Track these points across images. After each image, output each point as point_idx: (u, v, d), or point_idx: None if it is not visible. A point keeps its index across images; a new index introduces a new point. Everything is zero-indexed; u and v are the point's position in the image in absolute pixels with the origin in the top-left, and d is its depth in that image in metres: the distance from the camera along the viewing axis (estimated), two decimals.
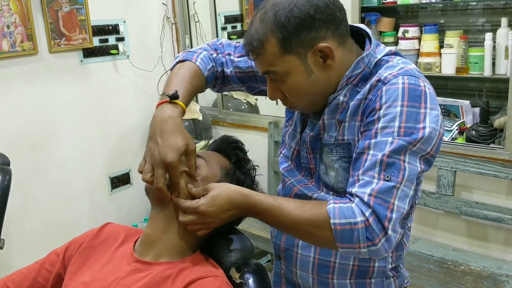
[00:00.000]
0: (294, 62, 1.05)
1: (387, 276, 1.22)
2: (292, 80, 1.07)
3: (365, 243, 0.96)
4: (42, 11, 2.71)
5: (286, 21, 1.02)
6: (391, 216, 0.96)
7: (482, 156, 2.36)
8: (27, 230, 2.81)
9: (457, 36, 2.51)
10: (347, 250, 0.99)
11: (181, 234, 1.14)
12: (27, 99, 2.74)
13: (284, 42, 1.03)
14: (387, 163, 0.98)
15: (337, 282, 1.21)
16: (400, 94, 1.01)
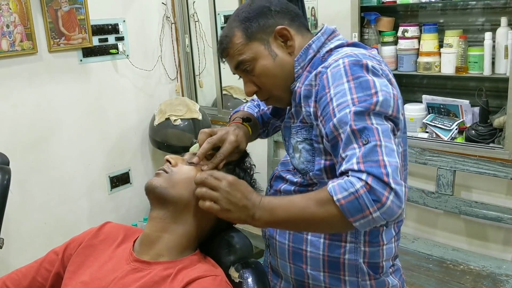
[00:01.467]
0: (259, 48, 1.17)
1: (362, 273, 1.19)
2: (259, 64, 1.17)
3: (373, 206, 0.93)
4: (41, 10, 2.71)
5: (246, 14, 1.18)
6: (387, 171, 0.95)
7: (482, 156, 2.36)
8: (26, 229, 2.81)
9: (456, 36, 2.50)
10: (362, 221, 0.95)
11: (180, 234, 1.14)
12: (27, 98, 2.74)
13: (247, 31, 1.17)
14: (358, 130, 0.99)
15: (311, 273, 1.22)
16: (343, 73, 1.06)
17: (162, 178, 1.16)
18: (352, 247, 1.18)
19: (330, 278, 1.20)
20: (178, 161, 1.20)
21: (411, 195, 2.60)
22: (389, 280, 1.24)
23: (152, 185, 1.15)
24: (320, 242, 1.19)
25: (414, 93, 2.84)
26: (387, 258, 1.22)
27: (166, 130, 3.19)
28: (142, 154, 3.42)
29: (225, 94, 3.48)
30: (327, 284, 1.21)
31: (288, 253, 1.24)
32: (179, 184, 1.15)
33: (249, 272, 1.12)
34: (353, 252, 1.18)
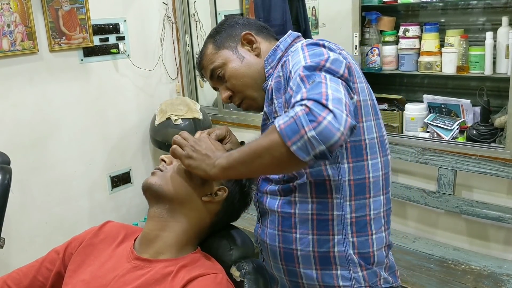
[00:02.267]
0: (227, 54, 1.29)
1: (353, 265, 1.19)
2: (229, 67, 1.28)
3: (309, 125, 0.91)
4: (42, 10, 2.71)
5: (216, 29, 1.35)
6: (327, 98, 0.94)
7: (483, 155, 2.36)
8: (27, 229, 2.81)
9: (457, 35, 2.51)
10: (298, 144, 0.92)
11: (179, 231, 1.15)
12: (27, 98, 2.74)
13: (216, 42, 1.31)
14: (306, 76, 1.03)
15: (304, 272, 1.22)
16: (300, 50, 1.14)
17: (157, 176, 1.18)
18: (340, 239, 1.18)
19: (322, 275, 1.20)
20: (173, 159, 1.21)
21: (412, 194, 2.60)
22: (381, 273, 1.23)
23: (148, 183, 1.17)
24: (308, 239, 1.19)
25: (415, 92, 2.85)
26: (379, 248, 1.22)
27: (167, 130, 3.19)
28: (143, 154, 3.42)
29: None
30: (320, 282, 1.21)
31: (280, 255, 1.24)
32: (174, 181, 1.16)
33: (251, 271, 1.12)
34: (342, 244, 1.18)
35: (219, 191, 1.19)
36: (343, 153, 1.15)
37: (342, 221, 1.17)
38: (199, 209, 1.17)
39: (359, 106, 1.16)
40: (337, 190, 1.16)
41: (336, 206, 1.17)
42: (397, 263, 2.38)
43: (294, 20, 2.82)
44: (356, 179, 1.17)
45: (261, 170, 1.08)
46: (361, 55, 2.71)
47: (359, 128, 1.16)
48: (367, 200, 1.19)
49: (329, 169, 1.15)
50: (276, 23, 2.70)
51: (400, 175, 2.74)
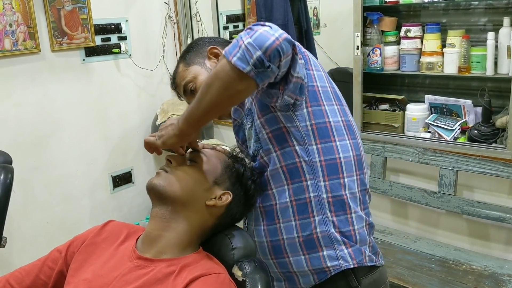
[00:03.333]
0: (197, 69, 1.38)
1: (338, 243, 1.23)
2: (199, 80, 1.35)
3: (246, 36, 1.01)
4: (44, 9, 2.72)
5: (186, 49, 1.45)
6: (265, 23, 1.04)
7: (484, 156, 2.36)
8: (29, 228, 2.81)
9: (459, 36, 2.50)
10: (237, 55, 1.00)
11: (181, 232, 1.15)
12: (29, 97, 2.75)
13: (185, 60, 1.41)
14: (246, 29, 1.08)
15: (293, 260, 1.26)
16: None
17: (161, 177, 1.18)
18: (320, 219, 1.23)
19: (311, 259, 1.24)
20: (178, 160, 1.22)
21: (413, 194, 2.60)
22: (365, 251, 1.27)
23: (152, 184, 1.17)
24: (292, 225, 1.24)
25: (417, 93, 2.84)
26: (360, 226, 1.26)
27: None
28: (144, 154, 3.42)
29: None
30: (309, 267, 1.25)
31: (268, 250, 1.29)
32: (178, 182, 1.17)
33: (253, 270, 1.12)
34: (323, 224, 1.23)
35: (223, 195, 1.20)
36: (309, 134, 1.21)
37: (320, 202, 1.22)
38: (202, 212, 1.17)
39: (317, 91, 1.23)
40: (310, 171, 1.22)
41: (311, 187, 1.22)
42: (398, 263, 2.40)
43: (296, 20, 2.82)
44: (327, 159, 1.23)
45: (215, 100, 1.07)
46: (363, 55, 2.71)
47: (322, 111, 1.23)
48: (341, 180, 1.24)
49: (298, 150, 1.21)
50: (278, 23, 2.70)
51: (401, 175, 2.74)
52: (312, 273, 1.26)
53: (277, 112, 1.21)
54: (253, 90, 1.07)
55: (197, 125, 1.15)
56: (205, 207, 1.18)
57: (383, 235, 2.66)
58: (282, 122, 1.21)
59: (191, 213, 1.17)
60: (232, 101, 1.14)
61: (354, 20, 2.65)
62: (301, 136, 1.21)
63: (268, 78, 1.05)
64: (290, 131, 1.21)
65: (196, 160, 1.22)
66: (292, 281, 1.30)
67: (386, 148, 2.69)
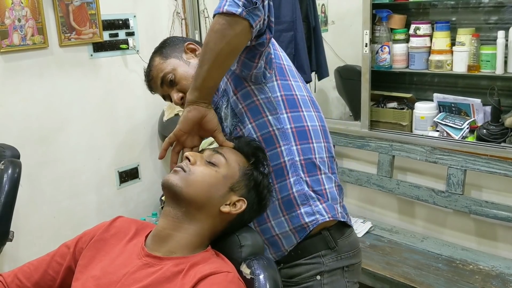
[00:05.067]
0: (175, 61, 1.43)
1: (312, 199, 1.34)
2: (179, 71, 1.42)
3: None
4: (53, 5, 2.72)
5: (160, 45, 1.50)
6: None
7: (493, 155, 2.34)
8: (35, 222, 2.82)
9: (469, 34, 2.49)
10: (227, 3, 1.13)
11: (192, 234, 1.14)
12: (37, 92, 2.75)
13: (162, 54, 1.46)
14: None
15: (275, 223, 1.35)
16: None
17: (179, 176, 1.15)
18: (295, 179, 1.33)
19: (290, 219, 1.34)
20: (197, 158, 1.19)
21: (420, 193, 2.59)
22: (337, 207, 1.38)
23: (169, 182, 1.14)
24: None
25: (425, 91, 2.83)
26: (330, 186, 1.37)
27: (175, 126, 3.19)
28: (151, 150, 3.42)
29: None
30: (290, 226, 1.34)
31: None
32: (195, 185, 1.14)
33: (261, 268, 1.12)
34: (298, 183, 1.33)
35: (238, 202, 1.18)
36: (280, 105, 1.34)
37: (294, 164, 1.33)
38: (215, 216, 1.16)
39: (284, 68, 1.38)
40: (283, 137, 1.33)
41: (285, 151, 1.33)
42: (405, 262, 2.40)
43: (304, 17, 2.81)
44: (297, 126, 1.35)
45: (216, 54, 1.17)
46: (371, 53, 2.69)
47: (289, 85, 1.37)
48: (310, 145, 1.36)
49: (271, 120, 1.32)
50: (286, 20, 2.69)
51: (409, 174, 2.73)
52: (293, 232, 1.34)
53: (251, 86, 1.33)
54: (249, 34, 1.16)
55: (206, 88, 1.21)
56: (218, 212, 1.16)
57: (389, 234, 2.65)
58: (256, 96, 1.33)
59: (204, 217, 1.15)
60: (232, 49, 1.19)
61: (363, 17, 2.64)
62: (273, 106, 1.33)
63: (258, 18, 1.15)
64: (263, 102, 1.33)
65: (216, 163, 1.19)
66: (276, 246, 1.37)
67: (393, 147, 2.67)
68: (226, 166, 1.19)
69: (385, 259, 2.39)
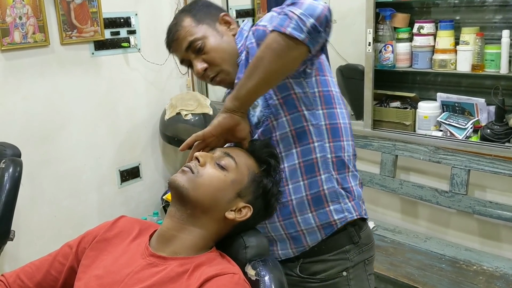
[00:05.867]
0: (207, 30, 1.35)
1: (342, 197, 1.34)
2: (210, 40, 1.34)
3: (294, 7, 1.10)
4: (54, 2, 2.70)
5: (192, 6, 1.40)
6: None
7: (497, 155, 2.33)
8: (36, 222, 2.81)
9: (473, 33, 2.47)
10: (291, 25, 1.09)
11: (197, 236, 1.12)
12: (38, 90, 2.74)
13: (195, 16, 1.36)
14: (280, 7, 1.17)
15: (301, 218, 1.33)
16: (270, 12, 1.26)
17: (186, 177, 1.12)
18: (326, 177, 1.32)
19: (318, 215, 1.33)
20: (207, 160, 1.16)
21: (424, 193, 2.57)
22: (362, 205, 1.41)
23: (176, 182, 1.12)
24: (300, 185, 1.32)
25: (429, 90, 2.81)
26: (355, 184, 1.39)
27: (177, 125, 3.18)
28: (153, 149, 3.41)
29: None
30: (317, 222, 1.33)
31: (276, 212, 1.31)
32: (201, 188, 1.11)
33: (266, 270, 1.10)
34: (329, 181, 1.32)
35: (244, 208, 1.15)
36: (316, 100, 1.32)
37: (325, 161, 1.32)
38: (220, 221, 1.14)
39: (322, 63, 1.35)
40: (317, 133, 1.32)
41: (318, 148, 1.32)
42: (408, 262, 2.39)
43: None
44: (331, 123, 1.34)
45: (268, 71, 1.15)
46: (375, 52, 2.68)
47: (326, 80, 1.35)
48: (341, 143, 1.36)
49: (307, 115, 1.30)
50: None
51: (412, 174, 2.72)
52: (319, 229, 1.34)
53: (289, 79, 1.29)
54: (305, 56, 1.16)
55: (248, 100, 1.20)
56: (223, 217, 1.14)
57: (392, 234, 2.64)
58: (293, 89, 1.30)
59: (208, 221, 1.13)
60: (285, 70, 1.19)
61: (367, 16, 2.62)
62: (309, 101, 1.31)
63: (318, 44, 1.14)
64: (300, 96, 1.30)
65: (226, 167, 1.15)
66: (298, 240, 1.36)
67: (397, 146, 2.66)
68: (236, 170, 1.16)
69: (389, 260, 2.38)
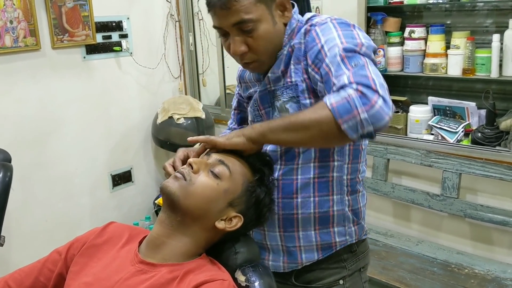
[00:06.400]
0: (264, 12, 1.19)
1: (348, 221, 1.32)
2: (263, 27, 1.20)
3: (362, 107, 1.00)
4: (45, 6, 2.70)
5: None
6: (375, 83, 1.03)
7: (488, 159, 2.34)
8: (28, 226, 2.79)
9: (464, 37, 2.48)
10: (350, 123, 1.01)
11: (187, 243, 1.12)
12: (30, 94, 2.73)
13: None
14: (347, 57, 1.09)
15: (303, 234, 1.30)
16: (332, 27, 1.18)
17: (178, 184, 1.11)
18: (338, 198, 1.30)
19: (321, 234, 1.30)
20: (200, 167, 1.14)
21: (416, 197, 2.58)
22: (364, 225, 1.39)
23: (167, 189, 1.11)
24: (310, 201, 1.28)
25: (420, 94, 2.82)
26: (363, 204, 1.37)
27: (169, 129, 3.17)
28: (145, 153, 3.40)
29: (229, 93, 3.46)
30: (318, 241, 1.30)
31: (278, 222, 1.30)
32: (193, 197, 1.10)
33: (256, 275, 1.10)
34: (340, 203, 1.30)
35: (235, 218, 1.14)
36: None
37: (340, 182, 1.29)
38: (210, 230, 1.13)
39: None
40: (340, 153, 1.28)
41: (336, 168, 1.28)
42: (401, 266, 2.39)
43: None
44: (355, 145, 1.30)
45: (304, 141, 1.12)
46: None
47: None
48: (358, 165, 1.33)
49: None
50: None
51: (404, 178, 2.73)
52: (318, 248, 1.31)
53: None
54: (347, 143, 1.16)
55: (271, 142, 1.18)
56: (213, 226, 1.13)
57: (384, 238, 2.64)
58: None
59: (198, 229, 1.12)
60: (320, 146, 1.21)
61: (358, 20, 2.63)
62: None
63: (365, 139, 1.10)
64: None
65: (219, 175, 1.13)
66: (294, 256, 1.32)
67: (388, 150, 2.67)
68: (229, 179, 1.13)
69: (381, 264, 2.38)
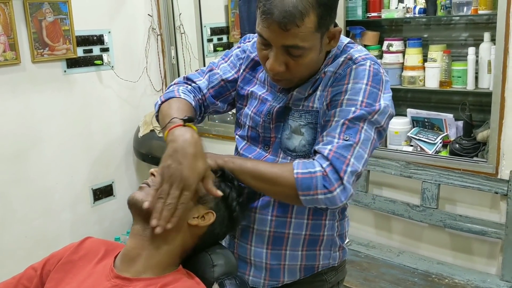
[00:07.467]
0: (317, 41, 1.12)
1: (334, 245, 1.35)
2: (310, 56, 1.14)
3: (322, 190, 1.07)
4: (25, 20, 2.68)
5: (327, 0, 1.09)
6: (346, 169, 1.09)
7: (466, 169, 2.37)
8: (7, 242, 2.75)
9: (440, 50, 2.53)
10: (306, 197, 1.09)
11: (161, 252, 1.11)
12: (9, 109, 2.70)
13: (321, 20, 1.08)
14: (348, 126, 1.13)
15: (289, 253, 1.31)
16: (366, 75, 1.17)
17: (144, 192, 1.12)
18: (330, 223, 1.32)
19: (307, 255, 1.32)
20: None
21: (396, 208, 2.60)
22: (346, 249, 1.43)
23: (134, 199, 1.12)
24: (303, 223, 1.29)
25: (399, 106, 2.86)
26: (347, 229, 1.41)
27: (151, 142, 3.16)
28: (126, 166, 3.38)
29: None
30: (303, 261, 1.32)
31: (267, 239, 1.30)
32: None
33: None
34: (331, 228, 1.33)
35: (207, 214, 1.15)
36: None
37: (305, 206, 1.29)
38: (184, 232, 1.13)
39: None
40: None
41: None
42: (382, 277, 2.40)
43: None
44: None
45: (267, 193, 1.21)
46: None
47: None
48: None
49: None
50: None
51: (384, 189, 2.75)
52: (301, 269, 1.32)
53: None
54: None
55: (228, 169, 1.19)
56: (187, 227, 1.13)
57: (366, 249, 2.65)
58: None
59: (172, 232, 1.11)
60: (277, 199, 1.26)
61: None
62: None
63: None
64: None
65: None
66: (276, 274, 1.32)
67: (368, 161, 2.69)
68: None
69: (363, 275, 2.39)
